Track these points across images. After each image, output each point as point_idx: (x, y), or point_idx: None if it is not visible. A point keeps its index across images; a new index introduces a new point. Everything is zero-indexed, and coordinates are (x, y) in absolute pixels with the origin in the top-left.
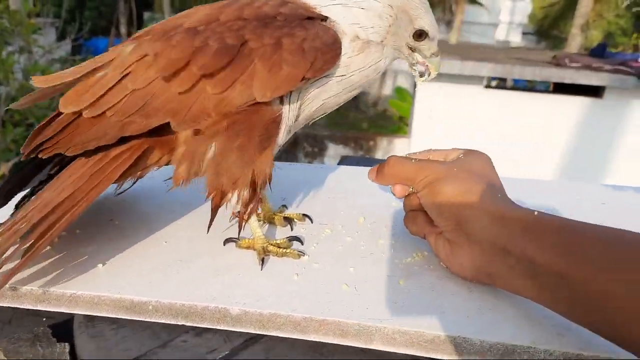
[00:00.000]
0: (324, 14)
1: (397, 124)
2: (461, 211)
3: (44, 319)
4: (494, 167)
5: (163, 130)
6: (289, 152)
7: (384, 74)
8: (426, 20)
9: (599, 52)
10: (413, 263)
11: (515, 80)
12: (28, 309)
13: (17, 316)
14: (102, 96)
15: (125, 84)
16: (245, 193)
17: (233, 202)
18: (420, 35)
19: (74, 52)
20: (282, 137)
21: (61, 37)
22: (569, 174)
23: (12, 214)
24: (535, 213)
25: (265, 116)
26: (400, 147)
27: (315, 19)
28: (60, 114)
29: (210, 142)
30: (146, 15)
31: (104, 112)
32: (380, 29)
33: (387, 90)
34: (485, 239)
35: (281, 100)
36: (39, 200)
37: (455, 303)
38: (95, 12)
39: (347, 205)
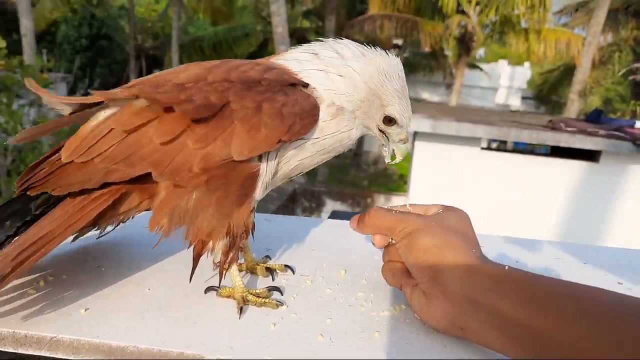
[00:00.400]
0: (305, 80)
1: (397, 182)
2: (437, 263)
3: None
4: (471, 223)
5: (144, 179)
6: (286, 207)
7: None
8: (397, 108)
9: (594, 117)
10: (390, 316)
11: (516, 143)
12: (7, 353)
13: None
14: (93, 144)
15: (114, 133)
16: (225, 243)
17: (214, 251)
18: (390, 120)
19: None
20: (259, 193)
21: (72, 91)
22: (565, 237)
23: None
24: (506, 267)
25: (243, 172)
26: (397, 204)
27: (298, 85)
28: (53, 153)
29: (189, 193)
30: (156, 72)
31: (92, 159)
32: (353, 98)
33: None
34: (458, 291)
35: (260, 158)
36: (19, 239)
37: (428, 358)
38: (107, 69)
39: (330, 258)
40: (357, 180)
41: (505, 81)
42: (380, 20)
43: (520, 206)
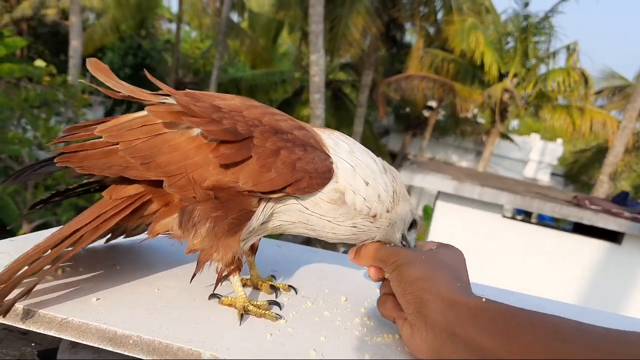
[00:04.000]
0: (333, 158)
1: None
2: (421, 295)
3: (33, 344)
4: (463, 260)
5: (160, 185)
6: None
7: (409, 193)
8: (416, 210)
9: (620, 199)
10: (382, 342)
11: (541, 217)
12: (21, 332)
13: (9, 338)
14: (123, 130)
15: (143, 129)
16: (227, 257)
17: (215, 261)
18: (412, 224)
19: None
20: (246, 232)
21: (108, 114)
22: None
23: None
24: (484, 300)
25: (242, 205)
26: None
27: (318, 150)
28: (91, 125)
29: (194, 206)
30: None
31: (117, 143)
32: (376, 206)
33: None
34: (439, 322)
35: (259, 201)
36: (51, 238)
37: None
38: None
39: (334, 285)
40: None
41: (536, 155)
42: (417, 80)
43: (536, 278)
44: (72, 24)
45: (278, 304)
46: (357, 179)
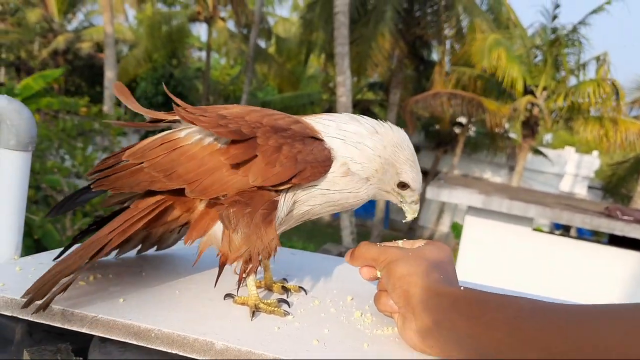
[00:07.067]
0: (326, 140)
1: None
2: (408, 289)
3: (68, 343)
4: (450, 256)
5: (183, 193)
6: None
7: (441, 210)
8: (410, 175)
9: None
10: (381, 334)
11: (580, 232)
12: (58, 333)
13: (47, 338)
14: (146, 150)
15: (162, 146)
16: (246, 257)
17: (235, 262)
18: (403, 185)
19: None
20: (276, 223)
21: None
22: None
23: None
24: (462, 288)
25: (265, 196)
26: None
27: (317, 139)
28: (118, 153)
29: (220, 209)
30: None
31: (142, 163)
32: (367, 168)
33: (444, 227)
34: (424, 312)
35: (277, 192)
36: (86, 242)
37: None
38: None
39: (342, 286)
40: None
41: (572, 169)
42: (446, 97)
43: (568, 291)
44: (107, 57)
45: (287, 302)
46: (349, 148)
